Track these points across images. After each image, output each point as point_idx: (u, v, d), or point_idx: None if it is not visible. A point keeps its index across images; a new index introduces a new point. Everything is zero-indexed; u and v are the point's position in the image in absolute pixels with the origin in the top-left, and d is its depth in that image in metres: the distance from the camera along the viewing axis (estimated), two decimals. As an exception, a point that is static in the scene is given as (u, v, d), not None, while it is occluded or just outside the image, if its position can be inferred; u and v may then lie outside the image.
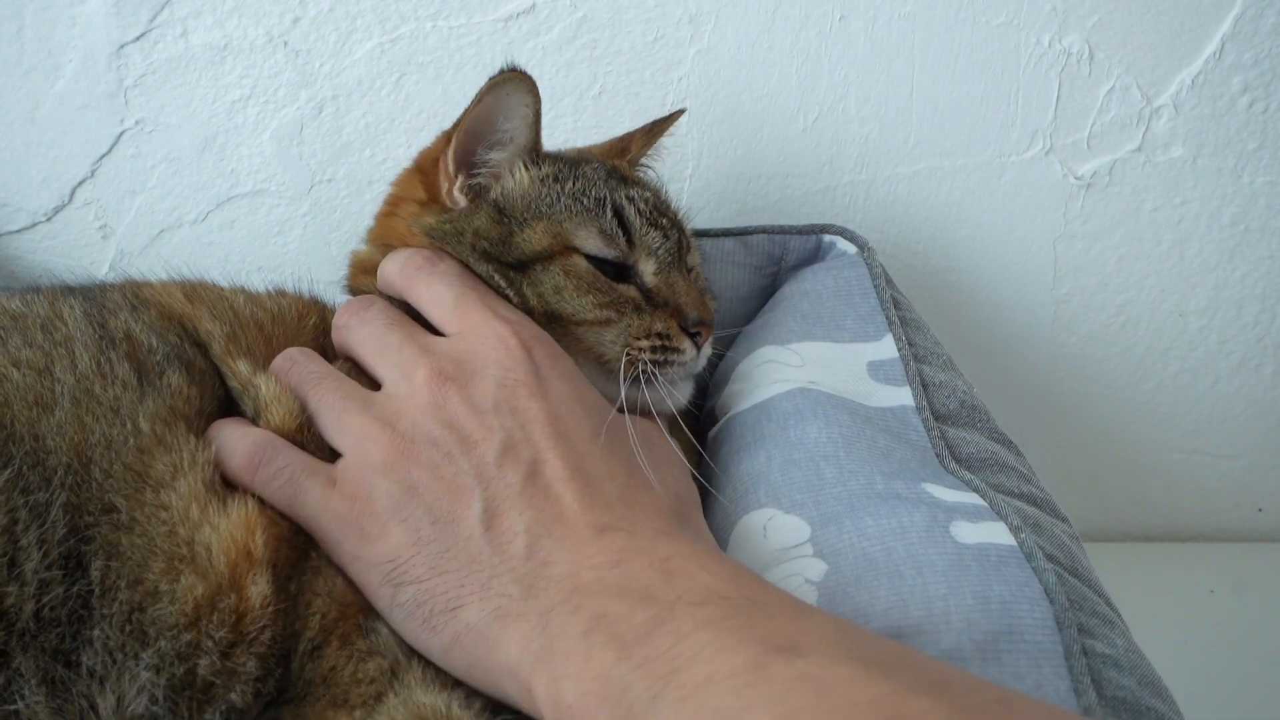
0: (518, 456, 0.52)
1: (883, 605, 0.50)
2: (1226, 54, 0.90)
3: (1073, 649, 0.47)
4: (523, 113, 0.65)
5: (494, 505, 0.50)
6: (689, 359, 0.64)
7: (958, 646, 0.47)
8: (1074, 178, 0.95)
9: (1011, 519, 0.54)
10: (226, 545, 0.49)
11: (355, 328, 0.59)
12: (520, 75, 0.63)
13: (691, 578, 0.45)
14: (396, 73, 0.93)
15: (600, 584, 0.46)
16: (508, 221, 0.64)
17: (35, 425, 0.49)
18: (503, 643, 0.47)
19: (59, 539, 0.47)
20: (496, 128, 0.65)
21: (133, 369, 0.53)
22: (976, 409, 0.68)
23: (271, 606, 0.49)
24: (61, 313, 0.55)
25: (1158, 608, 0.96)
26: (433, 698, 0.48)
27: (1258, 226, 0.96)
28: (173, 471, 0.51)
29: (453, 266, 0.61)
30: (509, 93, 0.63)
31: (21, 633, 0.45)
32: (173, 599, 0.48)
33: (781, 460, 0.61)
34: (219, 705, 0.48)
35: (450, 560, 0.50)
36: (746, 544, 0.57)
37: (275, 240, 0.99)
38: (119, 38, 0.92)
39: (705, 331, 0.65)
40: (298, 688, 0.50)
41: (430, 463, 0.52)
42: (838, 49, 0.91)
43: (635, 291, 0.65)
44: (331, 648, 0.50)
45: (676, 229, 0.69)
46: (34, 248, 1.00)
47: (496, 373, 0.54)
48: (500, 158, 0.66)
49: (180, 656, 0.47)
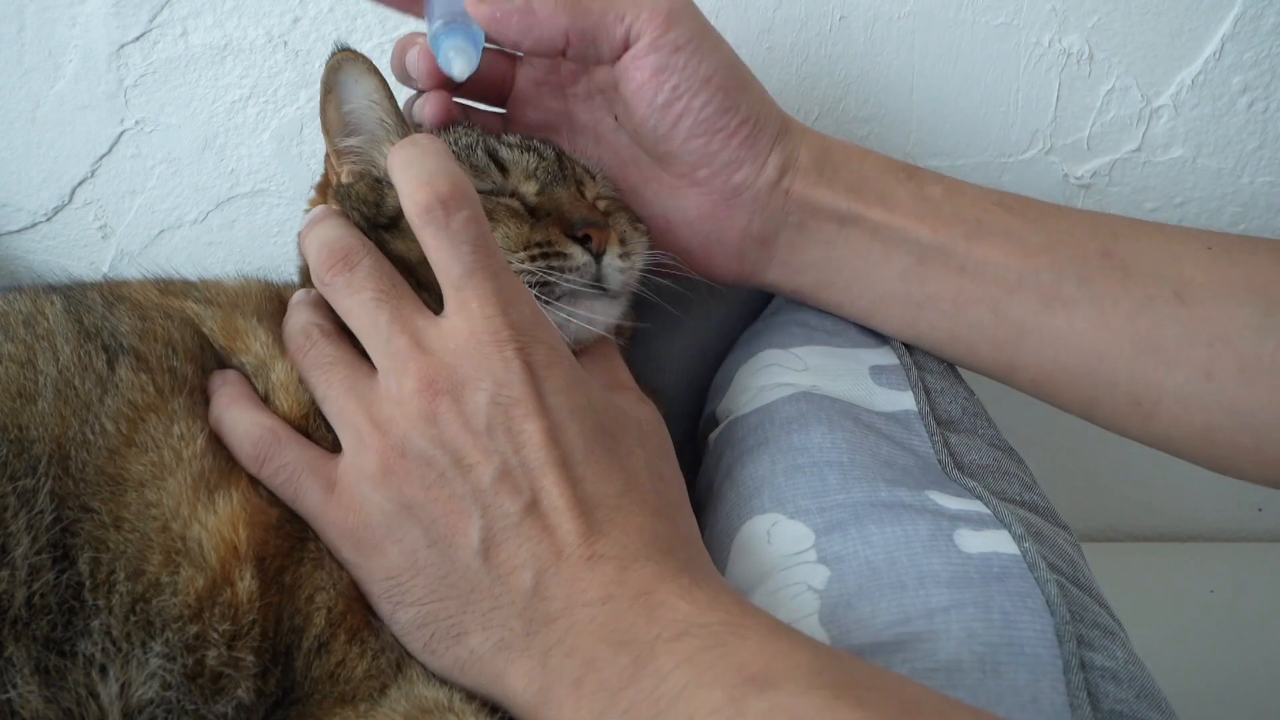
0: (515, 485, 0.50)
1: (884, 616, 0.50)
2: (1226, 54, 0.90)
3: (1071, 662, 0.48)
4: (362, 91, 0.63)
5: (492, 534, 0.50)
6: (580, 264, 0.60)
7: (957, 658, 0.48)
8: (1074, 178, 0.95)
9: (1015, 528, 0.54)
10: (216, 542, 0.49)
11: (341, 293, 0.55)
12: (348, 55, 0.62)
13: (672, 609, 0.46)
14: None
15: (592, 624, 0.47)
16: (380, 185, 0.63)
17: (18, 415, 0.50)
18: (507, 675, 0.49)
19: (47, 525, 0.47)
20: (343, 113, 0.64)
21: (106, 363, 0.53)
22: (978, 416, 0.68)
23: (259, 601, 0.49)
24: (43, 309, 0.55)
25: (1158, 608, 0.96)
26: (434, 691, 0.49)
27: (1258, 226, 0.96)
28: (155, 471, 0.51)
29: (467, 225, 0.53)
30: (341, 78, 0.63)
31: (14, 620, 0.45)
32: (175, 590, 0.48)
33: (785, 466, 0.60)
34: (230, 698, 0.48)
35: (449, 587, 0.50)
36: (750, 549, 0.57)
37: (275, 240, 1.00)
38: (119, 38, 0.92)
39: (596, 234, 0.60)
40: (304, 687, 0.50)
41: (424, 481, 0.51)
42: (838, 49, 0.91)
43: (516, 202, 0.63)
44: (339, 642, 0.51)
45: (557, 154, 0.67)
46: (34, 248, 1.00)
47: (490, 387, 0.51)
48: (358, 142, 0.65)
49: (188, 648, 0.47)
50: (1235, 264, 0.61)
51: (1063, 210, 0.67)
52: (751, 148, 0.66)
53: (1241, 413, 0.60)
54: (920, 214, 0.67)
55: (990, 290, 0.65)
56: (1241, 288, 0.60)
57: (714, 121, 0.65)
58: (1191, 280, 0.61)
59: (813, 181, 0.67)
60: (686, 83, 0.64)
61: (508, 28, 0.63)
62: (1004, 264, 0.65)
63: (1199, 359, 0.60)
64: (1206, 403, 0.60)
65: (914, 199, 0.67)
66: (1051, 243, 0.65)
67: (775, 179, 0.67)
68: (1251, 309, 0.59)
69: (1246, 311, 0.59)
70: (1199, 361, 0.60)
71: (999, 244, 0.65)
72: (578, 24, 0.63)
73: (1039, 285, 0.64)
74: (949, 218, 0.66)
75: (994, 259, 0.65)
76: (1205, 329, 0.60)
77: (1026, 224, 0.66)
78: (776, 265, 0.71)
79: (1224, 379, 0.60)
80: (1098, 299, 0.63)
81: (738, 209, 0.68)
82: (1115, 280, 0.63)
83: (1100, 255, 0.63)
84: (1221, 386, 0.60)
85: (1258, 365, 0.59)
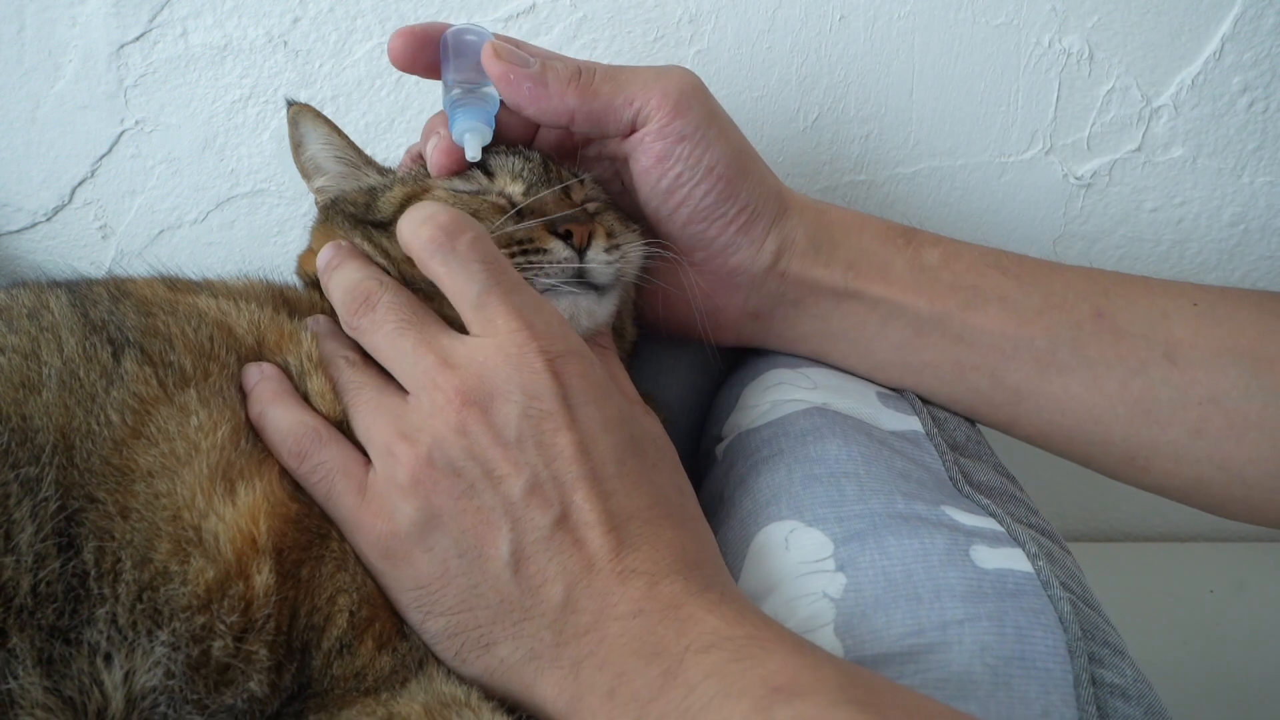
0: (545, 498, 0.51)
1: (899, 627, 0.51)
2: (1226, 54, 0.90)
3: (1081, 678, 0.48)
4: (316, 137, 0.69)
5: (522, 547, 0.50)
6: (562, 259, 0.60)
7: (968, 669, 0.48)
8: (1074, 178, 0.95)
9: (1029, 546, 0.55)
10: (233, 535, 0.49)
11: (366, 331, 0.57)
12: (299, 108, 0.68)
13: (700, 623, 0.47)
14: (396, 73, 0.93)
15: (624, 637, 0.48)
16: (371, 193, 0.67)
17: (22, 406, 0.50)
18: (537, 685, 0.50)
19: (52, 513, 0.47)
20: (304, 159, 0.70)
21: (111, 356, 0.54)
22: (981, 444, 0.70)
23: (275, 595, 0.49)
24: (48, 302, 0.56)
25: (1158, 608, 0.96)
26: (453, 688, 0.50)
27: (1258, 226, 0.96)
28: (167, 462, 0.51)
29: (474, 245, 0.54)
30: (300, 130, 0.69)
31: (19, 609, 0.45)
32: (184, 580, 0.48)
33: (803, 475, 0.61)
34: (238, 690, 0.48)
35: (479, 598, 0.51)
36: (767, 555, 0.57)
37: (275, 240, 1.00)
38: (119, 38, 0.92)
39: (577, 229, 0.61)
40: (323, 683, 0.50)
41: (453, 492, 0.51)
42: (838, 49, 0.91)
43: (503, 200, 0.64)
44: (366, 647, 0.51)
45: (543, 158, 0.67)
46: (34, 248, 1.00)
47: (520, 399, 0.51)
48: (324, 182, 0.70)
49: (195, 638, 0.47)
50: (1220, 322, 0.64)
51: (1056, 269, 0.69)
52: (748, 233, 0.67)
53: (1231, 468, 0.63)
54: (918, 285, 0.68)
55: (987, 358, 0.67)
56: (1228, 349, 0.63)
57: (713, 210, 0.66)
58: (1181, 341, 0.64)
59: (809, 261, 0.68)
60: (689, 171, 0.64)
61: (518, 94, 0.63)
62: (1000, 332, 0.67)
63: (1190, 418, 0.63)
64: (1198, 458, 0.63)
65: (911, 269, 0.68)
66: (1046, 307, 0.66)
67: (771, 263, 0.68)
68: (1239, 370, 0.62)
69: (1234, 372, 0.62)
70: (1190, 421, 0.63)
71: (995, 312, 0.67)
72: (585, 106, 0.63)
73: (1034, 352, 0.66)
74: (946, 287, 0.67)
75: (990, 327, 0.67)
76: (1195, 390, 0.63)
77: (1021, 287, 0.67)
78: (773, 336, 0.72)
79: (1214, 436, 0.63)
80: (1092, 364, 0.65)
81: (734, 289, 0.69)
82: (1108, 344, 0.65)
83: (1093, 317, 0.66)
84: (1212, 443, 0.63)
85: (1245, 423, 0.62)
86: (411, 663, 0.52)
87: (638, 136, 0.64)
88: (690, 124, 0.63)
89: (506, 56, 0.63)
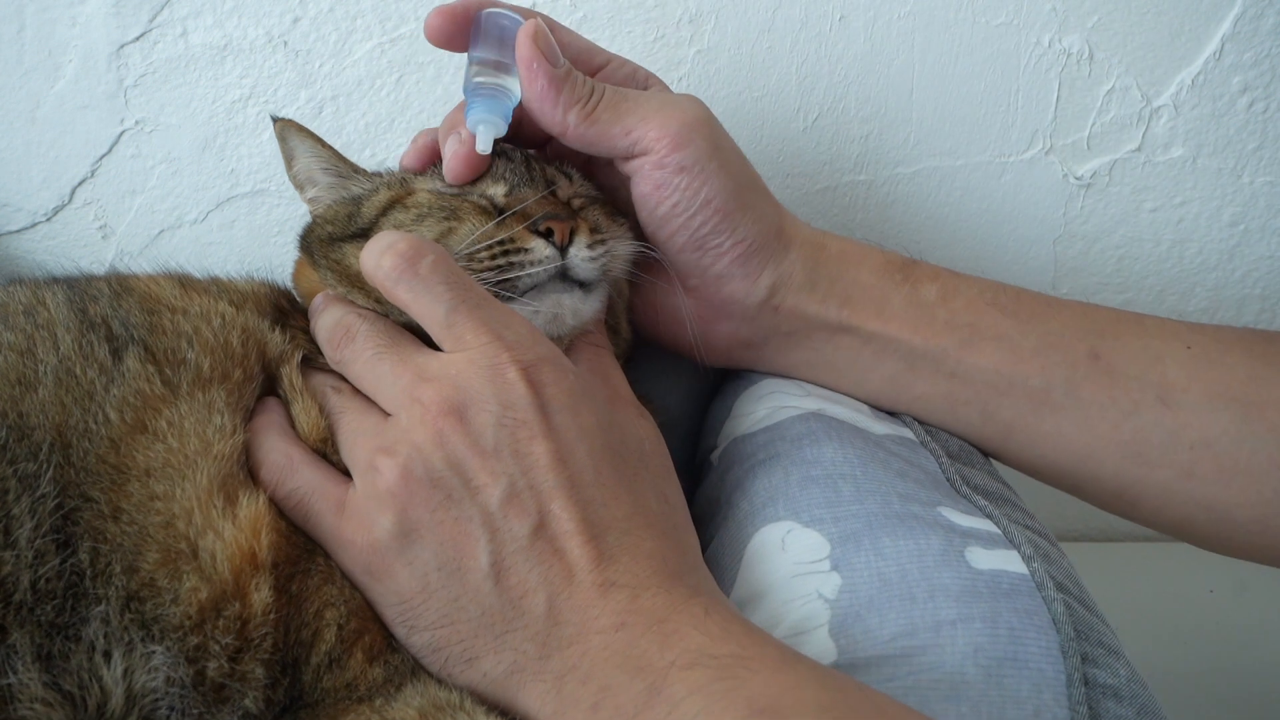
0: (523, 507, 0.51)
1: (892, 627, 0.51)
2: (1226, 54, 0.90)
3: (1074, 678, 0.49)
4: (304, 149, 0.69)
5: (502, 557, 0.50)
6: (542, 257, 0.59)
7: (961, 669, 0.49)
8: (1074, 178, 0.95)
9: (1024, 548, 0.56)
10: (232, 552, 0.49)
11: (348, 363, 0.58)
12: (285, 124, 0.68)
13: (685, 638, 0.47)
14: (396, 73, 0.93)
15: (606, 651, 0.48)
16: (357, 201, 0.67)
17: (18, 403, 0.50)
18: (520, 698, 0.50)
19: (50, 510, 0.47)
20: (296, 171, 0.70)
21: (110, 353, 0.54)
22: (973, 453, 0.70)
23: (273, 613, 0.49)
24: (44, 299, 0.56)
25: (1158, 608, 0.96)
26: (447, 693, 0.50)
27: (1258, 226, 0.96)
28: (171, 459, 0.51)
29: (436, 267, 0.55)
30: (289, 144, 0.69)
31: (19, 605, 0.45)
32: (175, 599, 0.48)
33: (800, 477, 0.61)
34: (235, 708, 0.48)
35: (461, 611, 0.51)
36: (764, 555, 0.57)
37: (275, 240, 1.00)
38: (119, 38, 0.92)
39: (557, 226, 0.60)
40: (314, 695, 0.50)
41: (430, 504, 0.51)
42: (838, 49, 0.91)
43: (484, 201, 0.64)
44: (356, 660, 0.51)
45: (526, 158, 0.67)
46: (34, 248, 1.00)
47: (495, 409, 0.52)
48: (315, 193, 0.70)
49: (189, 659, 0.47)
50: (1213, 365, 0.65)
51: (1053, 306, 0.69)
52: (744, 266, 0.67)
53: (1218, 509, 0.64)
54: (915, 322, 0.68)
55: (980, 394, 0.67)
56: (1220, 393, 0.64)
57: (708, 240, 0.66)
58: (1174, 384, 0.65)
59: (805, 296, 0.68)
60: (686, 203, 0.64)
61: (532, 85, 0.63)
62: (995, 370, 0.67)
63: (1180, 461, 0.64)
64: (1186, 499, 0.64)
65: (908, 305, 0.68)
66: (1043, 346, 0.66)
67: (766, 297, 0.68)
68: (1230, 415, 0.63)
69: (1226, 417, 0.63)
70: (1181, 464, 0.64)
71: (991, 350, 0.67)
72: (579, 128, 0.63)
73: (1028, 391, 0.66)
74: (943, 324, 0.67)
75: (986, 365, 0.67)
76: (1187, 434, 0.64)
77: (1019, 326, 0.67)
78: (765, 363, 0.72)
79: (1203, 479, 0.63)
80: (1085, 405, 0.65)
81: (727, 318, 0.69)
82: (1102, 386, 0.65)
83: (1088, 358, 0.66)
84: (1201, 485, 0.64)
85: (1235, 468, 0.63)
86: (405, 669, 0.51)
87: (637, 163, 0.64)
88: (690, 157, 0.63)
89: (543, 45, 0.62)
